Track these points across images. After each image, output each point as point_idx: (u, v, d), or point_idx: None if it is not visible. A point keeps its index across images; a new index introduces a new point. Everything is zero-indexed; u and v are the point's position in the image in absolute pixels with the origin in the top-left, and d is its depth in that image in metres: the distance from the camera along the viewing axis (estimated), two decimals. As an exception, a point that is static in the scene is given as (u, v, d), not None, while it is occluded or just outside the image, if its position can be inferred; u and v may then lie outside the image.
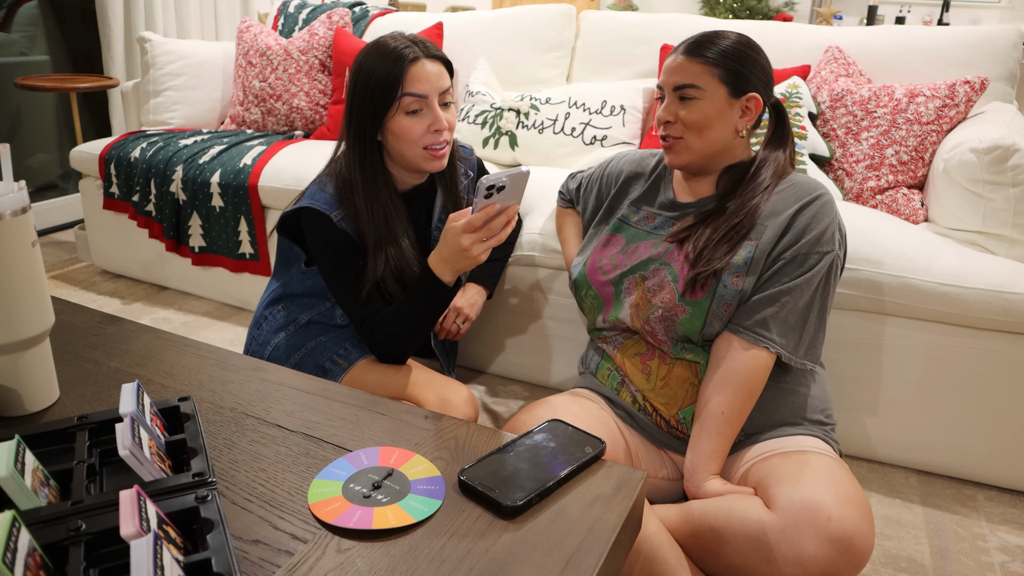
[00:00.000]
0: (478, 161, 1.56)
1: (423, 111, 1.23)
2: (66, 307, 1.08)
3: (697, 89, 1.16)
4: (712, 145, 1.19)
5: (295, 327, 1.35)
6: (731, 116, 1.18)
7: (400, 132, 1.23)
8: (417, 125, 1.22)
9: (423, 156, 1.25)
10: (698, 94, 1.16)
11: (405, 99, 1.21)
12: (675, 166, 1.23)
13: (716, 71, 1.16)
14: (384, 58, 1.21)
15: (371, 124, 1.24)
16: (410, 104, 1.21)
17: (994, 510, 1.46)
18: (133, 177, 2.30)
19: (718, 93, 1.16)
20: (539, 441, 0.78)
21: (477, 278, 1.58)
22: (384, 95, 1.21)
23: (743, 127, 1.19)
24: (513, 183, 1.04)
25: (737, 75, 1.16)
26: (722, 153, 1.21)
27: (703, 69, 1.16)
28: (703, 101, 1.16)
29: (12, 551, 0.48)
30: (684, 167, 1.22)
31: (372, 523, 0.64)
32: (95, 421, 0.73)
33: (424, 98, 1.22)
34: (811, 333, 1.15)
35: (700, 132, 1.17)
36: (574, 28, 2.41)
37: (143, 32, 2.64)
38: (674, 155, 1.21)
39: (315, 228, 1.26)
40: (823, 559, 0.93)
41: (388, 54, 1.21)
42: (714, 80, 1.16)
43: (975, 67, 1.89)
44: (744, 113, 1.19)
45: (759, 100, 1.18)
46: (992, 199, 1.48)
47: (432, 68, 1.22)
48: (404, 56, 1.20)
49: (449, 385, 1.27)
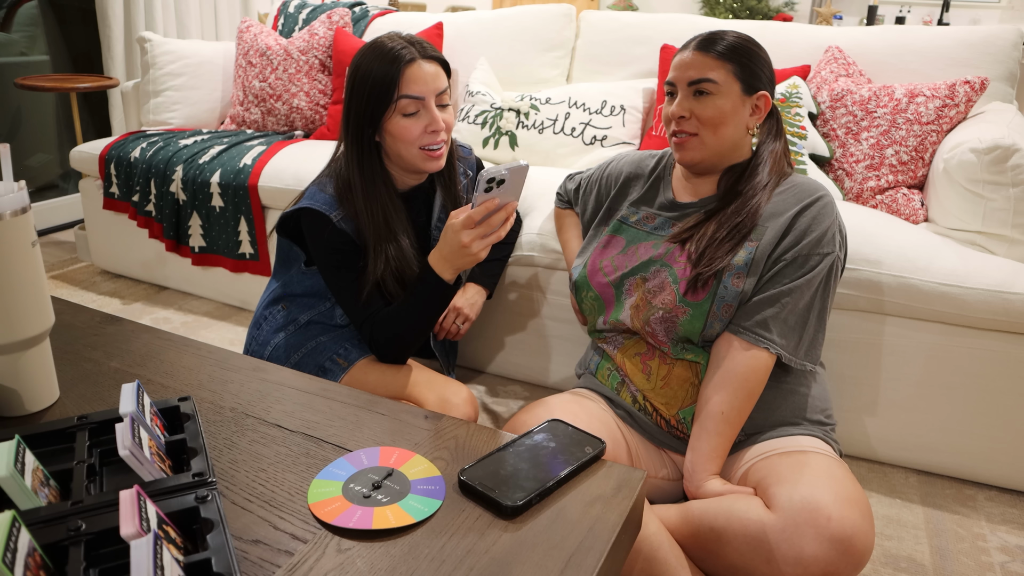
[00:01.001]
0: (477, 160, 1.56)
1: (420, 112, 1.23)
2: (66, 307, 1.08)
3: (714, 84, 1.16)
4: (724, 142, 1.18)
5: (295, 327, 1.35)
6: (743, 113, 1.18)
7: (397, 133, 1.23)
8: (414, 126, 1.22)
9: (420, 157, 1.25)
10: (714, 89, 1.16)
11: (401, 101, 1.21)
12: (686, 163, 1.21)
13: (731, 67, 1.16)
14: (381, 59, 1.21)
15: (369, 125, 1.24)
16: (407, 106, 1.21)
17: (994, 510, 1.46)
18: (133, 177, 2.30)
19: (733, 89, 1.16)
20: (539, 441, 0.78)
21: (477, 278, 1.58)
22: (381, 96, 1.21)
23: (753, 125, 1.20)
24: (513, 176, 1.04)
25: (750, 72, 1.16)
26: (732, 151, 1.21)
27: (719, 64, 1.16)
28: (719, 97, 1.16)
29: (12, 551, 0.48)
30: (695, 164, 1.21)
31: (372, 523, 0.64)
32: (95, 421, 0.73)
33: (421, 100, 1.22)
34: (811, 334, 1.15)
35: (715, 128, 1.17)
36: (574, 28, 2.41)
37: (143, 32, 2.64)
38: (686, 151, 1.19)
39: (315, 228, 1.26)
40: (823, 559, 0.93)
41: (385, 55, 1.21)
42: (729, 76, 1.16)
43: (975, 67, 1.89)
44: (754, 111, 1.19)
45: (768, 99, 1.18)
46: (992, 199, 1.48)
47: (429, 69, 1.22)
48: (401, 57, 1.20)
49: (449, 385, 1.27)
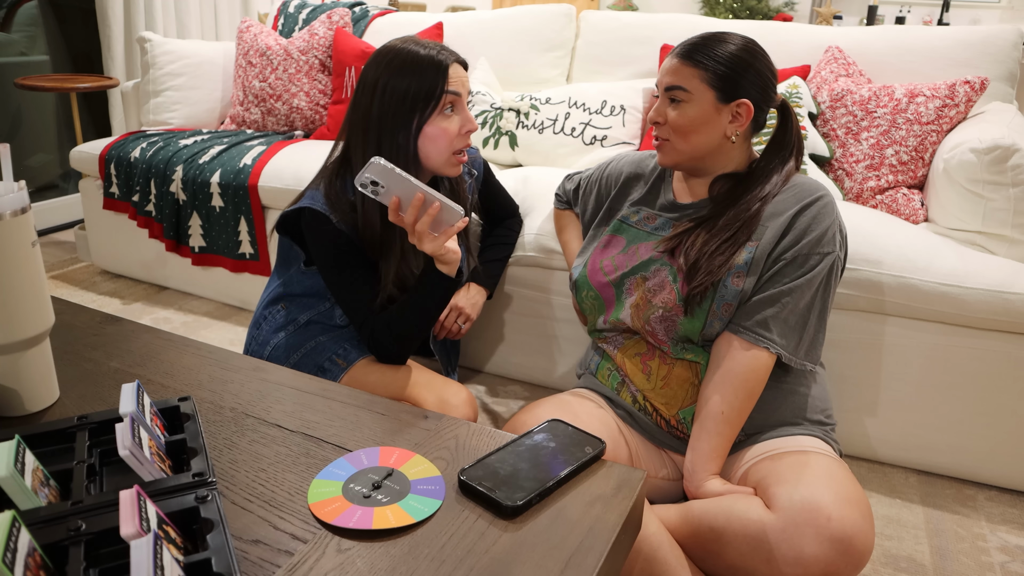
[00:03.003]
0: (483, 161, 1.57)
1: (457, 111, 1.25)
2: (66, 307, 1.08)
3: (684, 92, 1.16)
4: (698, 148, 1.19)
5: (294, 327, 1.35)
6: (719, 121, 1.17)
7: (436, 135, 1.24)
8: (452, 126, 1.24)
9: (450, 162, 1.27)
10: (685, 97, 1.16)
11: (447, 97, 1.22)
12: (664, 165, 1.24)
13: (706, 75, 1.15)
14: (420, 59, 1.22)
15: (403, 128, 1.23)
16: (448, 102, 1.23)
17: (994, 510, 1.46)
18: (133, 177, 2.30)
19: (705, 97, 1.16)
20: (539, 441, 0.78)
21: (477, 278, 1.58)
22: (425, 98, 1.22)
23: (732, 132, 1.19)
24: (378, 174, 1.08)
25: (728, 80, 1.15)
26: (712, 156, 1.20)
27: (692, 72, 1.16)
28: (689, 104, 1.16)
29: (12, 551, 0.48)
30: (673, 167, 1.24)
31: (372, 523, 0.64)
32: (95, 421, 0.73)
33: (459, 96, 1.24)
34: (811, 334, 1.15)
35: (685, 135, 1.18)
36: (574, 28, 2.41)
37: (143, 32, 2.64)
38: (663, 155, 1.22)
39: (315, 228, 1.26)
40: (823, 559, 0.93)
41: (422, 58, 1.22)
42: (702, 84, 1.15)
43: (975, 67, 1.89)
44: (734, 119, 1.18)
45: (750, 107, 1.17)
46: (992, 199, 1.48)
47: (463, 71, 1.26)
48: (445, 58, 1.23)
49: (448, 386, 1.27)
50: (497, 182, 1.65)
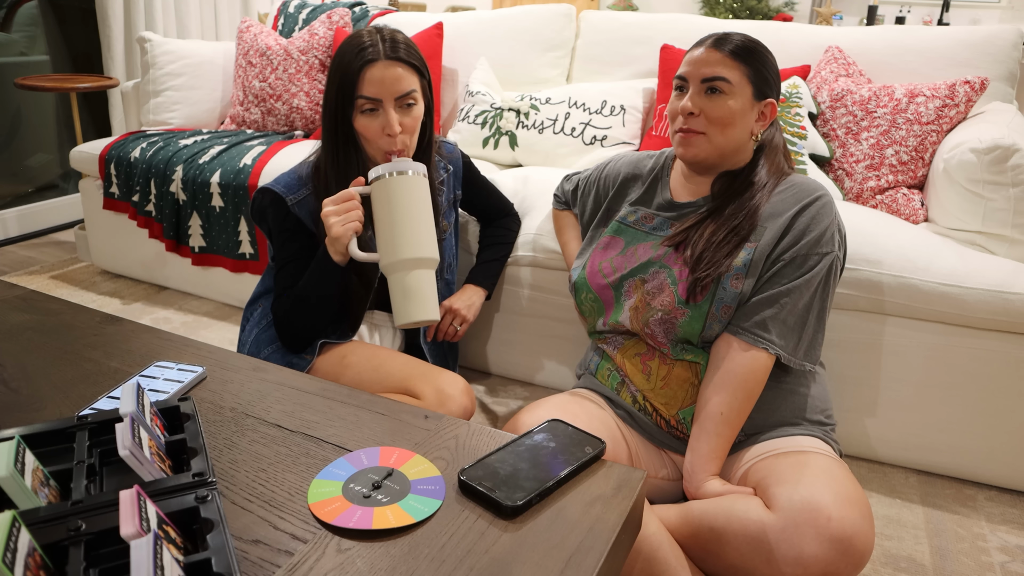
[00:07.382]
0: (464, 158, 1.56)
1: (378, 113, 1.23)
2: (66, 307, 1.08)
3: (728, 84, 1.15)
4: (730, 143, 1.18)
5: (266, 322, 1.37)
6: (750, 118, 1.17)
7: (360, 130, 1.26)
8: (373, 125, 1.24)
9: (383, 156, 1.27)
10: (727, 88, 1.15)
11: (359, 101, 1.23)
12: (688, 159, 1.20)
13: (746, 70, 1.15)
14: (349, 53, 1.23)
15: (341, 114, 1.26)
16: (363, 105, 1.23)
17: (994, 510, 1.46)
18: (133, 177, 2.30)
19: (745, 92, 1.16)
20: (539, 441, 0.78)
21: (476, 278, 1.58)
22: (347, 92, 1.24)
23: (757, 131, 1.19)
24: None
25: (762, 78, 1.16)
26: (734, 153, 1.20)
27: (734, 65, 1.15)
28: (731, 97, 1.15)
29: (12, 551, 0.48)
30: (697, 162, 1.20)
31: (372, 523, 0.64)
32: (95, 421, 0.73)
33: (377, 101, 1.22)
34: (810, 334, 1.15)
35: (724, 128, 1.16)
36: (574, 28, 2.41)
37: (143, 32, 2.64)
38: (689, 147, 1.18)
39: (270, 208, 1.31)
40: (823, 559, 0.93)
41: (352, 51, 1.23)
42: (743, 79, 1.15)
43: (975, 67, 1.89)
44: (760, 118, 1.19)
45: (775, 107, 1.18)
46: (992, 199, 1.48)
47: (390, 71, 1.21)
48: (362, 57, 1.21)
49: (444, 376, 1.25)
50: (484, 179, 1.64)
